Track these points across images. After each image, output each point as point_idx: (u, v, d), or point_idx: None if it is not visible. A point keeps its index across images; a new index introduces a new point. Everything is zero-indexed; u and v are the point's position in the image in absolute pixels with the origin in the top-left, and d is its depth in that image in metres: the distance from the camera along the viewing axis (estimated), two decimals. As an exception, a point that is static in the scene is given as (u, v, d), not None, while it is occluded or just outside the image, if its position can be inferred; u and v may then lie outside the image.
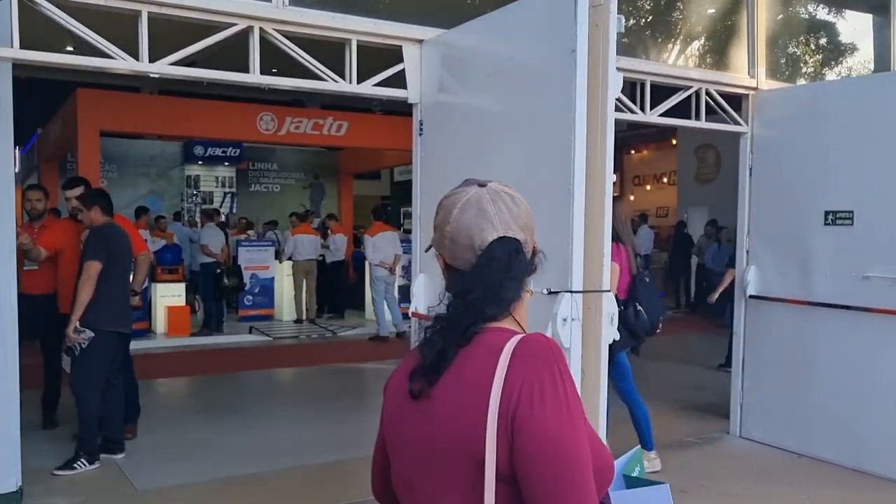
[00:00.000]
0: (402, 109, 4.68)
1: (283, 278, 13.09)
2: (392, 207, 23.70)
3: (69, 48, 6.42)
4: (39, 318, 5.88)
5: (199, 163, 16.71)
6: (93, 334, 5.01)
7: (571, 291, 3.24)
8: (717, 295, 7.96)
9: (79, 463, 5.07)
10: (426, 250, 1.50)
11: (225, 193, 17.04)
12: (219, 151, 16.50)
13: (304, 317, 12.82)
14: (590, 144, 3.29)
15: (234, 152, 16.67)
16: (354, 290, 14.38)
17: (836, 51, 7.04)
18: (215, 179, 17.01)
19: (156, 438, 5.90)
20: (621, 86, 3.54)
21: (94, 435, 5.19)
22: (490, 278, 1.30)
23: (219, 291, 11.36)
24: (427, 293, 4.32)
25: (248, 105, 12.01)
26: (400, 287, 11.33)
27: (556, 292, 3.28)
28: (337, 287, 13.61)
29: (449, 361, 1.28)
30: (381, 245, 10.79)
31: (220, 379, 8.57)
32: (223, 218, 14.17)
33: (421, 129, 4.36)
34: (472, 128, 3.99)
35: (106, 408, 5.28)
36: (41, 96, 15.01)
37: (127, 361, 5.84)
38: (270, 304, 13.06)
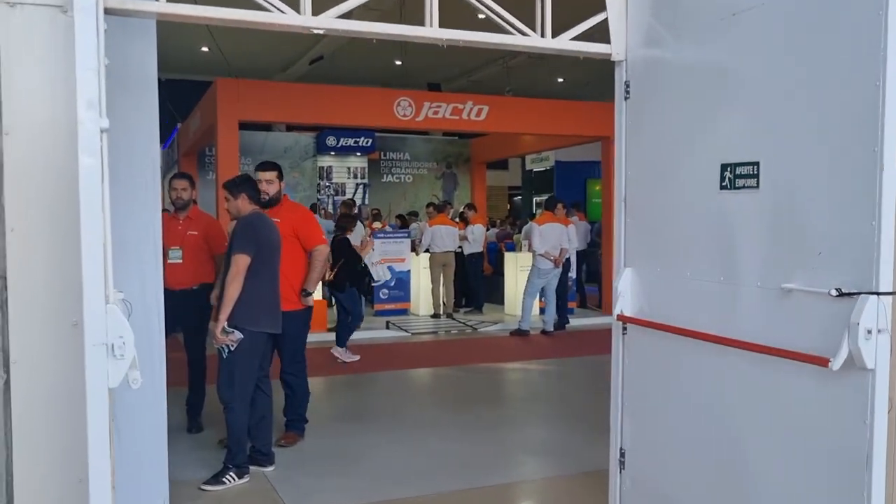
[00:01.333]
0: (539, 93, 3.86)
1: (420, 271, 12.58)
2: (523, 198, 22.97)
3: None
4: (185, 315, 5.51)
5: (332, 153, 16.50)
6: (241, 335, 4.51)
7: (878, 293, 2.37)
8: None
9: (227, 477, 4.58)
10: None
11: (357, 184, 16.76)
12: (351, 142, 16.23)
13: (441, 311, 12.27)
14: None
15: (367, 142, 16.36)
16: (492, 283, 13.77)
17: None
18: (347, 170, 16.76)
19: (304, 448, 5.38)
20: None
21: (244, 446, 4.69)
22: None
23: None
24: (636, 292, 3.52)
25: (384, 90, 11.55)
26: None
27: (853, 294, 2.42)
28: (475, 280, 12.97)
29: None
30: (548, 235, 10.13)
31: (362, 380, 8.07)
32: (356, 209, 13.82)
33: (627, 92, 3.56)
34: (698, 87, 3.16)
35: (254, 416, 4.79)
36: (175, 96, 15.26)
37: (300, 364, 5.42)
38: (406, 297, 12.57)
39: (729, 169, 2.92)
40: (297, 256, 5.35)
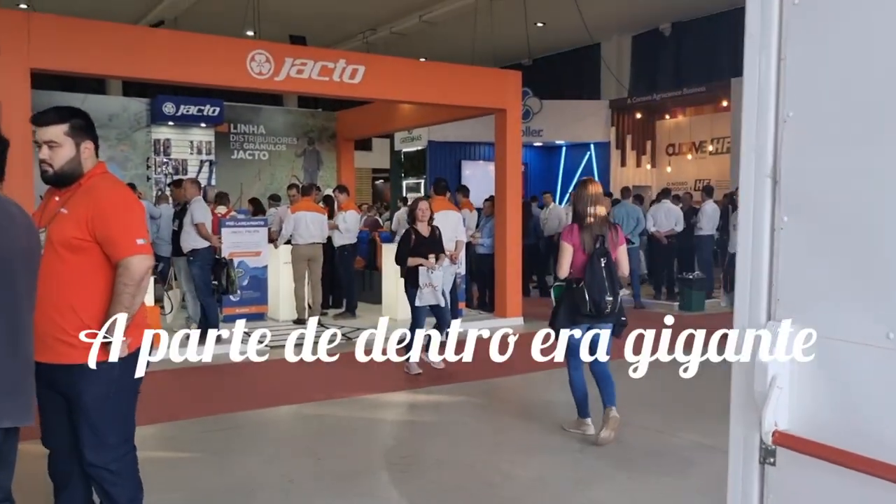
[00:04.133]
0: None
1: (280, 267, 10.37)
2: (392, 182, 20.95)
3: None
4: None
5: (170, 123, 13.79)
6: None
7: None
8: None
9: None
10: None
11: (202, 162, 14.13)
12: (194, 110, 13.62)
13: (306, 315, 10.10)
14: None
15: (213, 111, 13.80)
16: (365, 280, 11.81)
17: None
18: (189, 144, 14.10)
19: None
20: None
21: None
22: None
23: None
24: (803, 379, 1.60)
25: (235, 40, 9.14)
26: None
27: None
28: (346, 277, 10.86)
29: None
30: (443, 225, 8.12)
31: (213, 426, 5.83)
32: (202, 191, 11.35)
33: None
34: None
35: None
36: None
37: (118, 450, 3.11)
38: (263, 299, 10.33)
39: None
40: (95, 272, 3.04)
